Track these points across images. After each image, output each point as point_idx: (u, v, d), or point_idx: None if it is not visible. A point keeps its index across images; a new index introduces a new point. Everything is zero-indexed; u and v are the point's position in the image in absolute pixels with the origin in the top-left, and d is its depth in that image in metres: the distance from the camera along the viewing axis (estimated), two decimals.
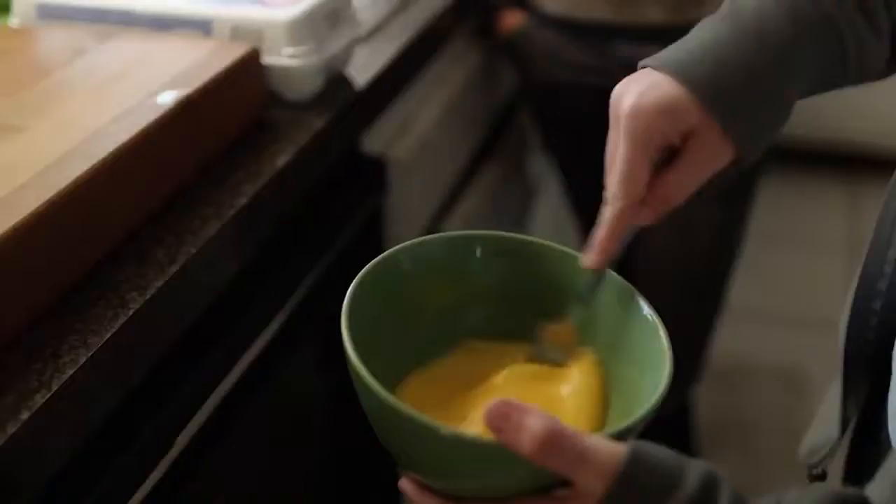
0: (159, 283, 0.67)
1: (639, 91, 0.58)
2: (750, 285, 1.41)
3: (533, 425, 0.46)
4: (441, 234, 0.62)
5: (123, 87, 0.80)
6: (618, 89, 0.60)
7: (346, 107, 0.92)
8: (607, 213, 0.58)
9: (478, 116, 1.34)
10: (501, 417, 0.46)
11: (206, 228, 0.73)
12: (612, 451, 0.47)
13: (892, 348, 0.64)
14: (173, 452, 0.70)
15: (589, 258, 0.59)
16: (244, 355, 0.79)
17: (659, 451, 0.48)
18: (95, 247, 0.69)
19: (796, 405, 1.92)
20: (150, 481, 0.67)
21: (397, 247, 0.60)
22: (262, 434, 0.86)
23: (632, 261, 1.20)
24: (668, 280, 1.28)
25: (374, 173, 1.00)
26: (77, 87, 0.80)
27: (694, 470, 0.47)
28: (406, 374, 0.59)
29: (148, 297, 0.66)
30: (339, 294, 0.53)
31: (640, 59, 0.60)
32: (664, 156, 0.59)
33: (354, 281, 0.56)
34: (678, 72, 0.58)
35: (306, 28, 0.89)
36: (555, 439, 0.46)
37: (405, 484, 0.53)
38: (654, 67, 0.59)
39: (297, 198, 0.85)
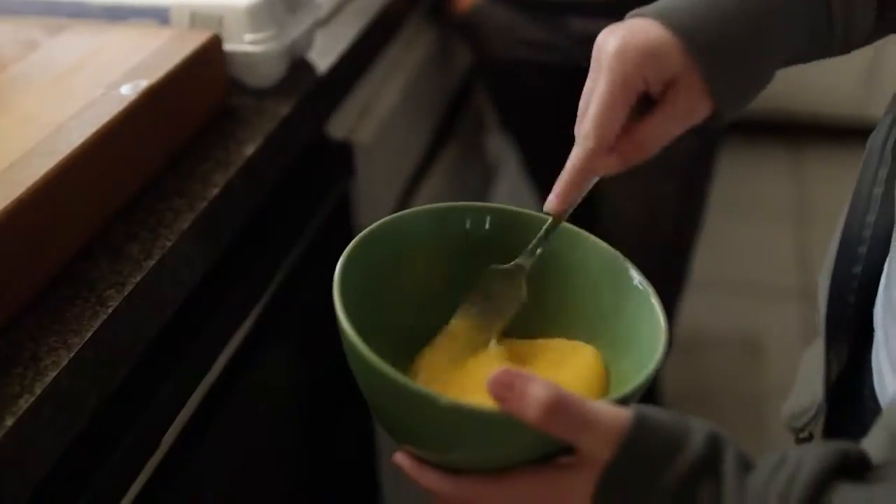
0: (137, 279, 0.65)
1: (625, 33, 0.58)
2: (701, 255, 1.43)
3: (537, 392, 0.45)
4: (430, 205, 0.61)
5: (82, 80, 0.77)
6: (603, 34, 0.59)
7: (311, 92, 0.91)
8: (574, 155, 0.57)
9: (436, 98, 1.33)
10: (505, 386, 0.46)
11: (180, 221, 0.71)
12: (616, 415, 0.47)
13: (872, 309, 0.66)
14: (160, 452, 0.68)
15: (550, 202, 0.58)
16: (225, 348, 0.77)
17: (662, 414, 0.48)
18: (67, 245, 0.67)
19: (755, 370, 1.96)
20: (138, 483, 0.66)
21: (385, 218, 0.59)
22: (246, 426, 0.85)
23: (597, 233, 1.20)
24: (634, 253, 1.29)
25: (340, 158, 0.99)
26: (33, 82, 0.77)
27: (699, 430, 0.47)
28: (398, 349, 0.58)
29: (126, 293, 0.64)
30: (314, 281, 0.52)
31: (595, 33, 0.59)
32: (640, 106, 0.59)
33: (343, 255, 0.55)
34: (666, 17, 0.58)
35: (266, 13, 0.87)
36: (560, 405, 0.46)
37: (401, 458, 0.52)
38: (643, 15, 0.59)
39: (267, 186, 0.83)
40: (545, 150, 1.42)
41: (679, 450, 0.46)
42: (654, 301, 0.56)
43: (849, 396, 0.69)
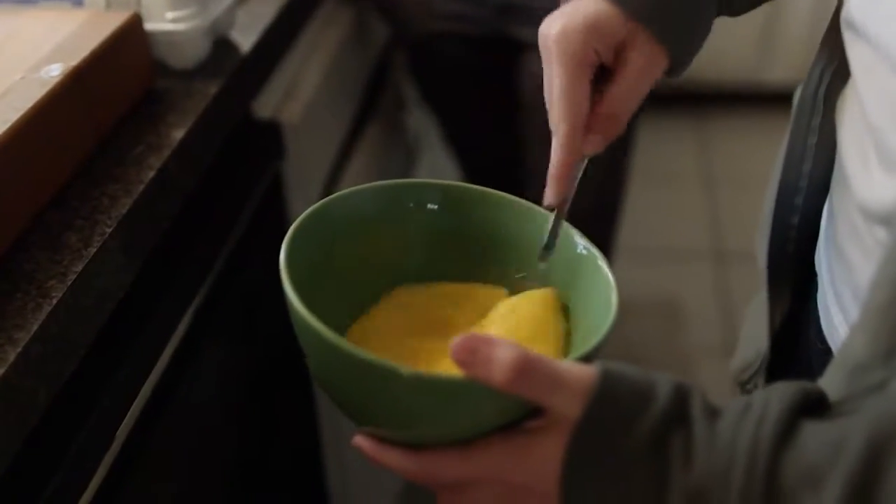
0: (78, 268, 0.63)
1: (563, 16, 0.58)
2: (629, 224, 1.47)
3: (503, 355, 0.45)
4: (373, 183, 0.60)
5: (0, 65, 0.73)
6: (545, 24, 0.59)
7: (237, 71, 0.88)
8: (554, 146, 0.58)
9: (357, 75, 1.31)
10: (468, 351, 0.45)
11: (118, 206, 0.69)
12: (583, 372, 0.47)
13: (810, 258, 0.68)
14: (115, 447, 0.66)
15: (546, 197, 0.58)
16: (174, 334, 0.75)
17: (627, 368, 0.48)
18: (0, 236, 0.64)
19: (676, 333, 2.01)
20: (96, 479, 0.63)
21: (329, 197, 0.58)
22: (195, 413, 0.82)
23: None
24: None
25: (270, 139, 0.96)
26: None
27: (664, 381, 0.47)
28: (346, 326, 0.56)
29: (69, 283, 0.61)
30: (253, 265, 0.51)
31: (513, 4, 0.59)
32: (601, 80, 0.59)
33: (288, 233, 0.53)
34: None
35: None
36: (527, 367, 0.45)
37: (361, 441, 0.51)
38: None
39: (201, 168, 0.81)
40: (466, 123, 1.42)
41: (647, 402, 0.46)
42: (602, 263, 0.56)
43: (792, 344, 0.71)
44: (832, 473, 0.43)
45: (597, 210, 1.34)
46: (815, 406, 0.47)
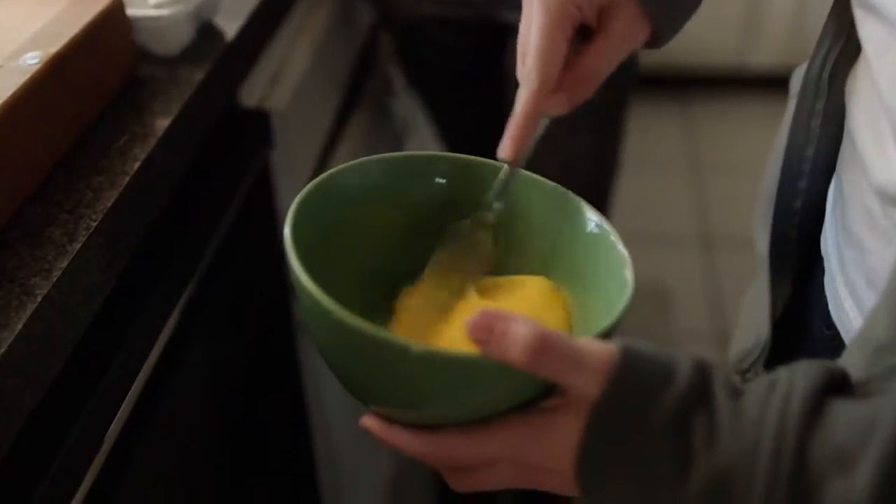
0: (63, 264, 0.60)
1: None
2: (620, 206, 1.45)
3: (521, 332, 0.43)
4: (381, 155, 0.58)
5: None
6: None
7: (222, 58, 0.86)
8: (520, 98, 0.56)
9: (343, 60, 1.29)
10: (485, 329, 0.43)
11: (103, 199, 0.66)
12: (602, 349, 0.45)
13: (813, 243, 0.66)
14: (105, 447, 0.64)
15: (502, 148, 0.56)
16: (163, 329, 0.73)
17: (646, 345, 0.46)
18: None
19: (663, 318, 2.00)
20: (86, 480, 0.61)
21: (334, 169, 0.56)
22: (189, 409, 0.80)
23: None
24: None
25: (258, 127, 0.94)
26: None
27: (685, 359, 0.46)
28: (353, 302, 0.54)
29: (54, 280, 0.59)
30: (244, 254, 0.49)
31: None
32: (578, 40, 0.57)
33: (292, 206, 0.51)
34: None
35: None
36: (546, 344, 0.43)
37: (369, 422, 0.49)
38: None
39: (188, 158, 0.79)
40: (454, 108, 1.40)
41: (668, 380, 0.45)
42: (615, 239, 0.55)
43: (794, 330, 0.70)
44: (863, 455, 0.42)
45: (588, 197, 1.32)
46: (840, 386, 0.46)
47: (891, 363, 0.47)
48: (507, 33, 1.23)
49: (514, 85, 0.54)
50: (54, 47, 0.70)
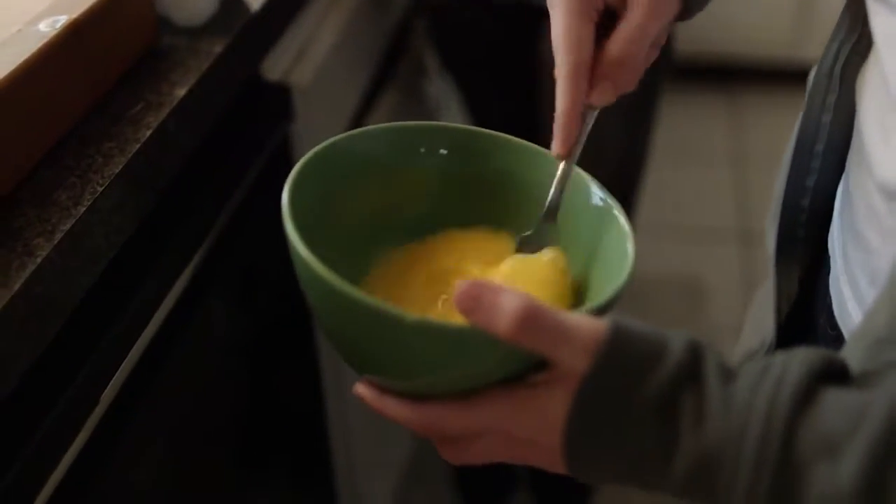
0: (66, 227, 0.61)
1: None
2: (640, 199, 1.44)
3: (508, 303, 0.43)
4: (382, 124, 0.58)
5: None
6: None
7: (244, 31, 0.86)
8: (558, 91, 0.54)
9: (374, 40, 1.29)
10: (473, 299, 0.43)
11: (111, 165, 0.67)
12: (592, 325, 0.45)
13: (821, 243, 0.65)
14: (99, 410, 0.65)
15: (553, 147, 0.56)
16: (165, 298, 0.74)
17: (638, 324, 0.46)
18: None
19: (697, 312, 1.98)
20: (78, 441, 0.62)
21: (335, 137, 0.56)
22: (189, 380, 0.81)
23: None
24: None
25: (278, 101, 0.94)
26: None
27: (677, 339, 0.45)
28: (352, 272, 0.54)
29: (56, 242, 0.60)
30: (255, 228, 0.49)
31: None
32: (608, 25, 0.56)
33: (291, 174, 0.52)
34: None
35: None
36: (533, 316, 0.43)
37: (362, 389, 0.50)
38: None
39: (202, 129, 0.79)
40: (487, 91, 1.39)
41: (659, 359, 0.44)
42: (618, 213, 0.54)
43: (799, 330, 0.68)
44: (851, 444, 0.41)
45: (613, 184, 1.31)
46: (837, 375, 0.45)
47: (889, 357, 0.46)
48: (542, 17, 1.21)
49: (549, 71, 0.54)
50: (73, 14, 0.71)
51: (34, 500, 0.59)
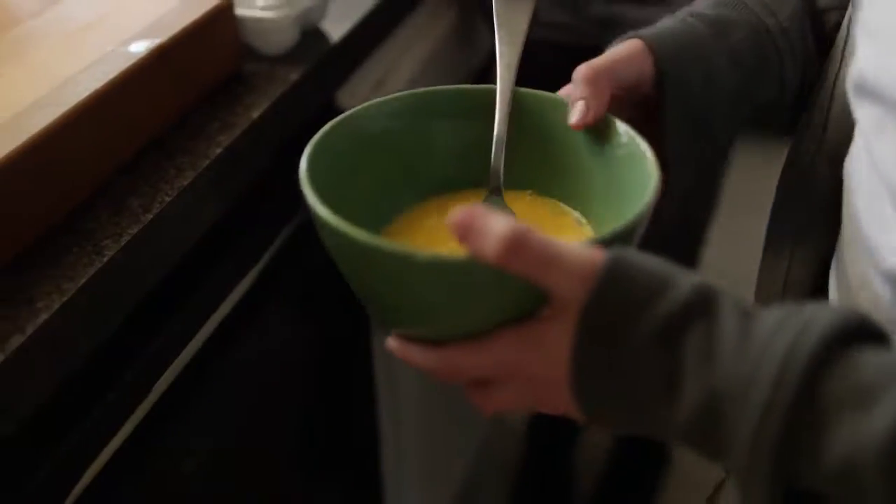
0: (134, 231, 0.67)
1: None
2: (711, 249, 1.43)
3: (497, 226, 0.43)
4: (396, 94, 0.60)
5: (96, 37, 0.79)
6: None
7: (321, 61, 0.92)
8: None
9: (454, 76, 1.33)
10: (465, 225, 0.44)
11: (181, 178, 0.73)
12: (588, 253, 0.44)
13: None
14: (150, 399, 0.70)
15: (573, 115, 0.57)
16: (221, 306, 0.79)
17: (643, 256, 0.45)
18: (69, 194, 0.69)
19: None
20: (128, 425, 0.68)
21: (352, 109, 0.58)
22: (242, 382, 0.86)
23: None
24: (641, 245, 1.29)
25: None
26: (49, 35, 0.79)
27: (685, 276, 0.44)
28: (372, 225, 0.56)
29: (123, 244, 0.66)
30: (315, 246, 0.53)
31: (616, 17, 0.60)
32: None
33: (309, 145, 0.54)
34: (643, 36, 0.60)
35: None
36: (521, 240, 0.43)
37: (391, 342, 0.51)
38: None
39: (271, 151, 0.85)
40: None
41: (664, 291, 0.43)
42: (643, 147, 0.54)
43: None
44: (888, 393, 0.38)
45: (681, 225, 1.31)
46: (875, 337, 0.42)
47: None
48: None
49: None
50: (161, 38, 0.78)
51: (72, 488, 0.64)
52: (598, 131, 0.58)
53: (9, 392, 0.56)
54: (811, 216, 0.60)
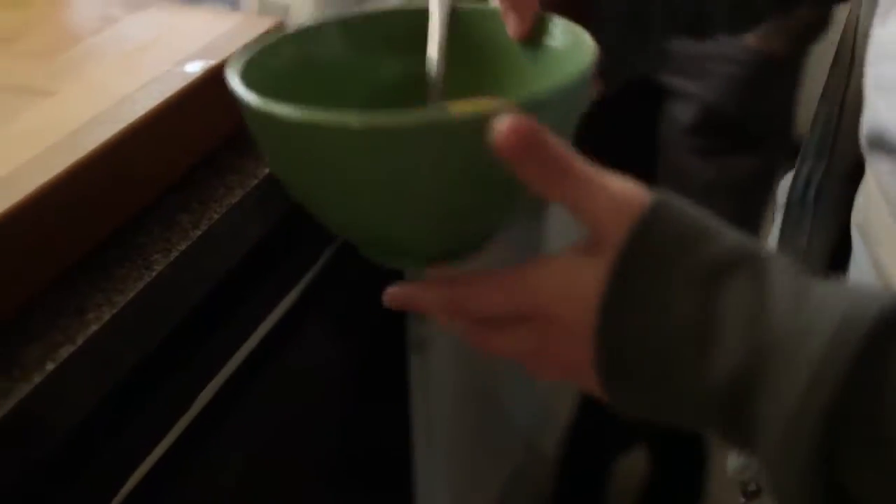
0: (183, 247, 0.68)
1: None
2: None
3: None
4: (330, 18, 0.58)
5: (152, 57, 0.81)
6: None
7: None
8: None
9: None
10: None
11: (230, 196, 0.74)
12: (633, 189, 0.40)
13: None
14: (192, 412, 0.71)
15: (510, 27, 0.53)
16: (263, 322, 0.80)
17: (687, 202, 0.41)
18: (121, 210, 0.71)
19: None
20: (168, 438, 0.69)
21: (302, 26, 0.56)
22: (280, 398, 0.87)
23: None
24: None
25: None
26: (107, 54, 0.81)
27: (732, 230, 0.40)
28: None
29: (172, 259, 0.67)
30: (355, 266, 0.53)
31: (672, 51, 0.58)
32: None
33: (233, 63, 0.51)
34: None
35: (333, 4, 0.90)
36: (537, 137, 0.38)
37: (390, 291, 0.47)
38: None
39: None
40: (603, 163, 1.42)
41: (709, 236, 0.39)
42: (578, 31, 0.51)
43: None
44: None
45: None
46: None
47: None
48: (661, 96, 1.24)
49: (661, 146, 0.55)
50: (216, 60, 0.80)
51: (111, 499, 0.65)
52: (533, 31, 0.54)
53: (57, 401, 0.57)
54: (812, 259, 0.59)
